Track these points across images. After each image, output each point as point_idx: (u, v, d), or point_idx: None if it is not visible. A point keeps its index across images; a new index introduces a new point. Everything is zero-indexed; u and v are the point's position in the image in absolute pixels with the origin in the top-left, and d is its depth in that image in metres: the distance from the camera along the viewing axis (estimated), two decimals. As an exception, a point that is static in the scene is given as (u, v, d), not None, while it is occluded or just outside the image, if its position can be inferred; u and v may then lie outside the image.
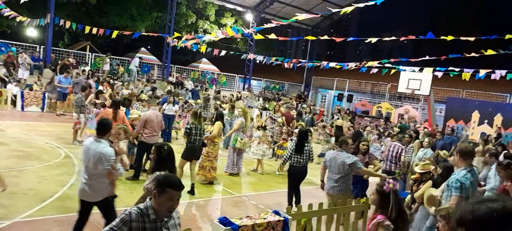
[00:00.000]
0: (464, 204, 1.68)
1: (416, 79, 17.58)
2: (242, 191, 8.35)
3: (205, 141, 8.14)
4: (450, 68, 14.53)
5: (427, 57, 15.17)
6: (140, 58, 22.68)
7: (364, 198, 5.95)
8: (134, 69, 20.65)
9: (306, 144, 7.25)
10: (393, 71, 16.64)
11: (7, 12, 15.09)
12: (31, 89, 15.59)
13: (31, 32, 26.96)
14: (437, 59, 14.72)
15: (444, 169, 5.44)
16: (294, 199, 7.34)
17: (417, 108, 24.25)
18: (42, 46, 19.93)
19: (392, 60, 15.40)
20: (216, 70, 28.77)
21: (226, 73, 27.59)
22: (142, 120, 8.00)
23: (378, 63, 15.57)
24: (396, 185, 3.75)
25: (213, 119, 9.29)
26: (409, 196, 5.95)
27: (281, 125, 12.16)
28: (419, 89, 17.70)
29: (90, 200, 4.51)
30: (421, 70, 16.24)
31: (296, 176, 7.25)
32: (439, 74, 15.45)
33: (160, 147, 4.22)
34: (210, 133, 8.47)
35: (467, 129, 17.37)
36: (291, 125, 13.18)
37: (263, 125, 10.69)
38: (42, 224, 5.26)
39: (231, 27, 26.17)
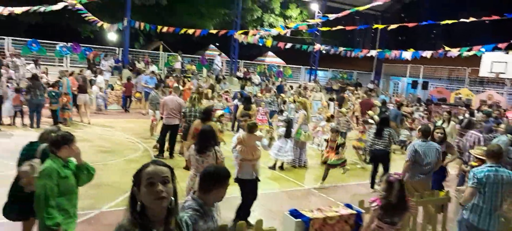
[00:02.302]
0: None
1: (500, 62, 16.04)
2: (310, 183, 8.28)
3: None
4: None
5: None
6: (219, 55, 23.55)
7: (443, 190, 5.56)
8: (217, 68, 21.62)
9: (385, 129, 7.64)
10: (472, 53, 15.29)
11: (89, 16, 16.51)
12: (112, 89, 16.87)
13: (112, 36, 29.04)
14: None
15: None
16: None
17: (503, 93, 22.18)
18: (120, 48, 21.47)
19: (475, 48, 13.77)
20: (282, 63, 28.72)
21: (291, 66, 27.45)
22: (161, 104, 9.01)
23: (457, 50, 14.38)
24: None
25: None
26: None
27: (345, 114, 11.08)
28: (504, 73, 16.14)
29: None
30: (507, 51, 14.76)
31: (375, 158, 7.79)
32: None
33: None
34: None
35: None
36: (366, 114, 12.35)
37: (329, 115, 10.35)
38: (126, 213, 5.67)
39: (296, 19, 26.04)
